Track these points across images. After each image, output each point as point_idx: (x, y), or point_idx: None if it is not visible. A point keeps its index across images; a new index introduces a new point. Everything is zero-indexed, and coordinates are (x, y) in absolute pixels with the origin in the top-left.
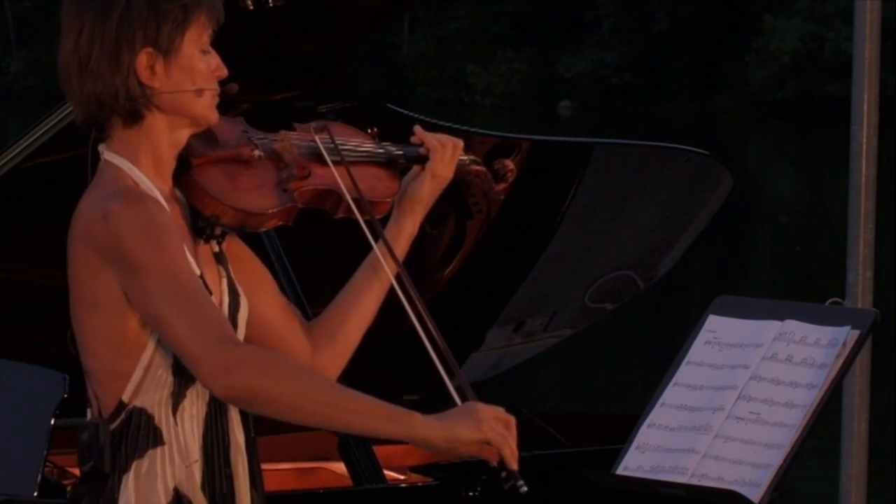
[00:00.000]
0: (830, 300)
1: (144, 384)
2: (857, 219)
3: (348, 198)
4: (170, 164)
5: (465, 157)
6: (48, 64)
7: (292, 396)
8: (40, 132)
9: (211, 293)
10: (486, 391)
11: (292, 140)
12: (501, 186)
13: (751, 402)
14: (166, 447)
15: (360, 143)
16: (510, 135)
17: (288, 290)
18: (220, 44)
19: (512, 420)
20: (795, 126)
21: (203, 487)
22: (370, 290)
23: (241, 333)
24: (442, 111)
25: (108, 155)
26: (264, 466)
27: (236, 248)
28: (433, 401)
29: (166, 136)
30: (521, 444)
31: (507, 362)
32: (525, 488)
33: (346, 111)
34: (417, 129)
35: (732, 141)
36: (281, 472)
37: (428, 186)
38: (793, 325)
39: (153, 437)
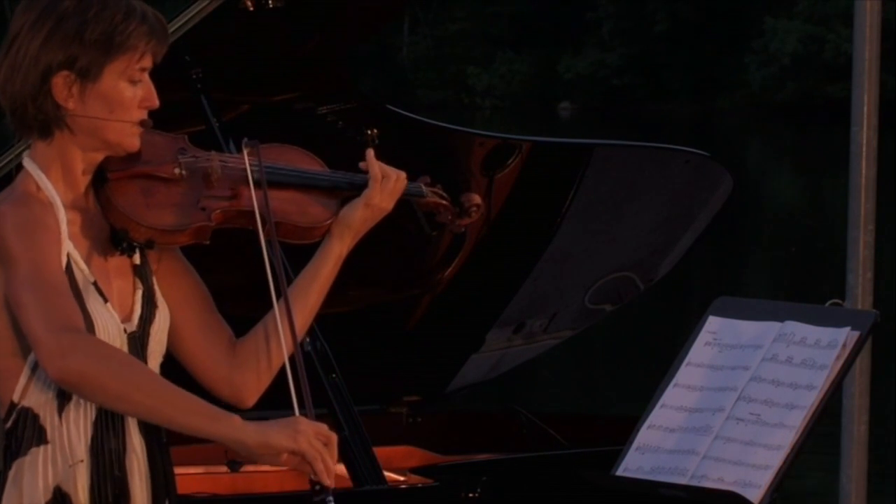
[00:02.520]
0: (830, 301)
1: (32, 384)
2: (856, 220)
3: (258, 221)
4: (83, 177)
5: (426, 189)
6: None
7: (121, 386)
8: None
9: (106, 300)
10: (486, 392)
11: (226, 161)
12: (465, 221)
13: (751, 403)
14: (49, 446)
15: (301, 169)
16: (510, 136)
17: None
18: (221, 45)
19: (333, 438)
20: (795, 127)
21: (89, 488)
22: (292, 314)
23: (152, 344)
24: (442, 112)
25: (25, 161)
26: (265, 468)
27: (172, 262)
28: (432, 401)
29: (79, 155)
30: (522, 444)
31: (507, 363)
32: (331, 502)
33: (345, 112)
34: (368, 153)
35: (732, 142)
36: (280, 474)
37: (360, 214)
38: (793, 327)
39: (37, 436)
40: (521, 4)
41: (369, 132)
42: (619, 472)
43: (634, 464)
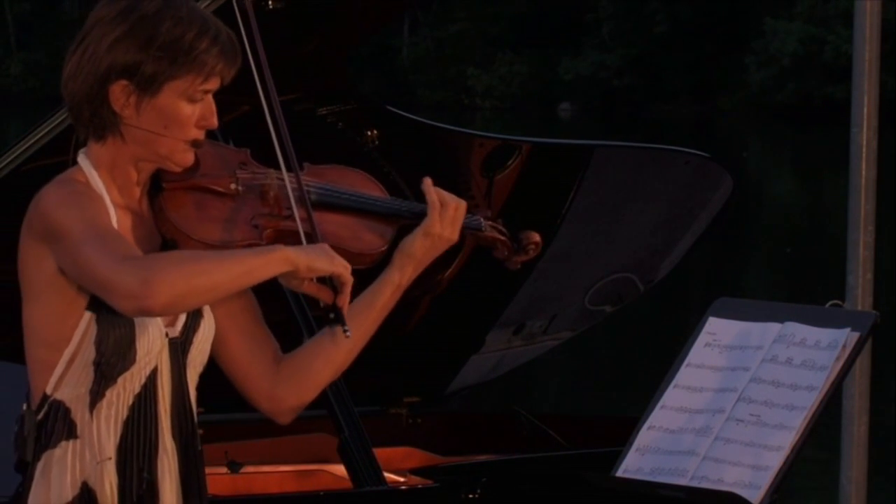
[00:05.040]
0: (830, 302)
1: (66, 378)
2: (856, 221)
3: (314, 241)
4: (136, 185)
5: (485, 223)
6: (48, 66)
7: (206, 279)
8: (40, 135)
9: None
10: (486, 393)
11: (283, 179)
12: (521, 258)
13: (751, 404)
14: (79, 441)
15: (359, 192)
16: (510, 137)
17: (298, 315)
18: None
19: (349, 266)
20: (795, 128)
21: (117, 486)
22: (339, 337)
23: (193, 352)
24: (442, 113)
25: (80, 156)
26: (265, 469)
27: None
28: (432, 402)
29: (131, 164)
30: (522, 445)
31: (507, 364)
32: (349, 333)
33: (345, 113)
34: (426, 181)
35: (732, 143)
36: (281, 475)
37: (420, 243)
38: (793, 328)
39: (68, 430)
40: (521, 5)
41: (369, 133)
42: (619, 472)
43: (634, 465)
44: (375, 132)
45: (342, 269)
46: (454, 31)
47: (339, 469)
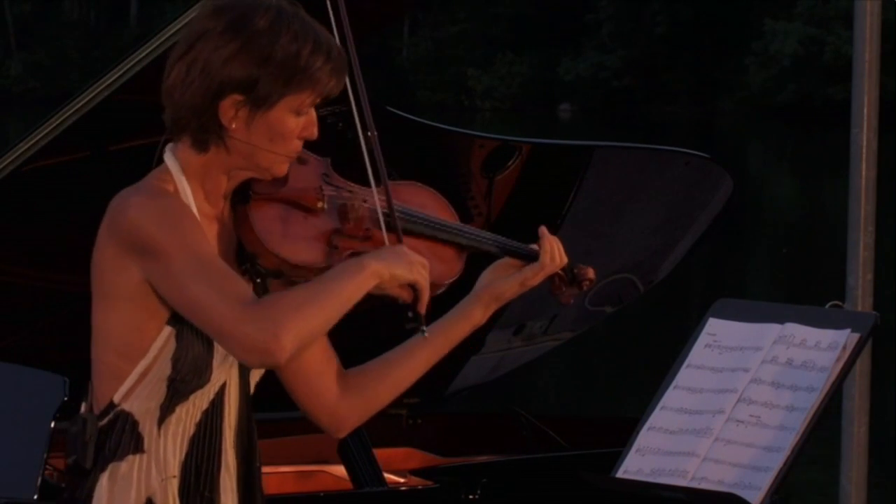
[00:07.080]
0: (830, 303)
1: (137, 390)
2: (856, 222)
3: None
4: (221, 193)
5: None
6: (48, 66)
7: (320, 321)
8: (40, 135)
9: None
10: (486, 394)
11: (366, 200)
12: (573, 291)
13: (751, 405)
14: (145, 456)
15: (438, 219)
16: (510, 137)
17: None
18: None
19: (427, 264)
20: (795, 129)
21: None
22: (408, 360)
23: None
24: (442, 114)
25: (168, 157)
26: (265, 469)
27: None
28: (432, 403)
29: (224, 173)
30: (522, 446)
31: (507, 365)
32: (426, 334)
33: (345, 114)
34: (542, 230)
35: (732, 144)
36: (281, 475)
37: (513, 291)
38: (793, 329)
39: (135, 444)
40: (521, 6)
41: (369, 134)
42: (619, 473)
43: (634, 466)
44: (375, 133)
45: (420, 275)
46: (454, 31)
47: (339, 469)
